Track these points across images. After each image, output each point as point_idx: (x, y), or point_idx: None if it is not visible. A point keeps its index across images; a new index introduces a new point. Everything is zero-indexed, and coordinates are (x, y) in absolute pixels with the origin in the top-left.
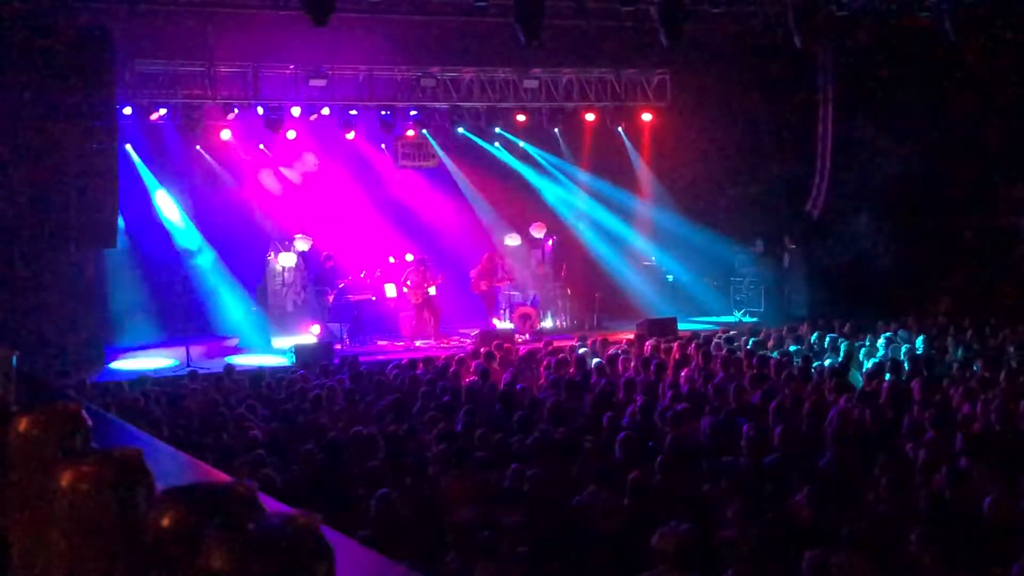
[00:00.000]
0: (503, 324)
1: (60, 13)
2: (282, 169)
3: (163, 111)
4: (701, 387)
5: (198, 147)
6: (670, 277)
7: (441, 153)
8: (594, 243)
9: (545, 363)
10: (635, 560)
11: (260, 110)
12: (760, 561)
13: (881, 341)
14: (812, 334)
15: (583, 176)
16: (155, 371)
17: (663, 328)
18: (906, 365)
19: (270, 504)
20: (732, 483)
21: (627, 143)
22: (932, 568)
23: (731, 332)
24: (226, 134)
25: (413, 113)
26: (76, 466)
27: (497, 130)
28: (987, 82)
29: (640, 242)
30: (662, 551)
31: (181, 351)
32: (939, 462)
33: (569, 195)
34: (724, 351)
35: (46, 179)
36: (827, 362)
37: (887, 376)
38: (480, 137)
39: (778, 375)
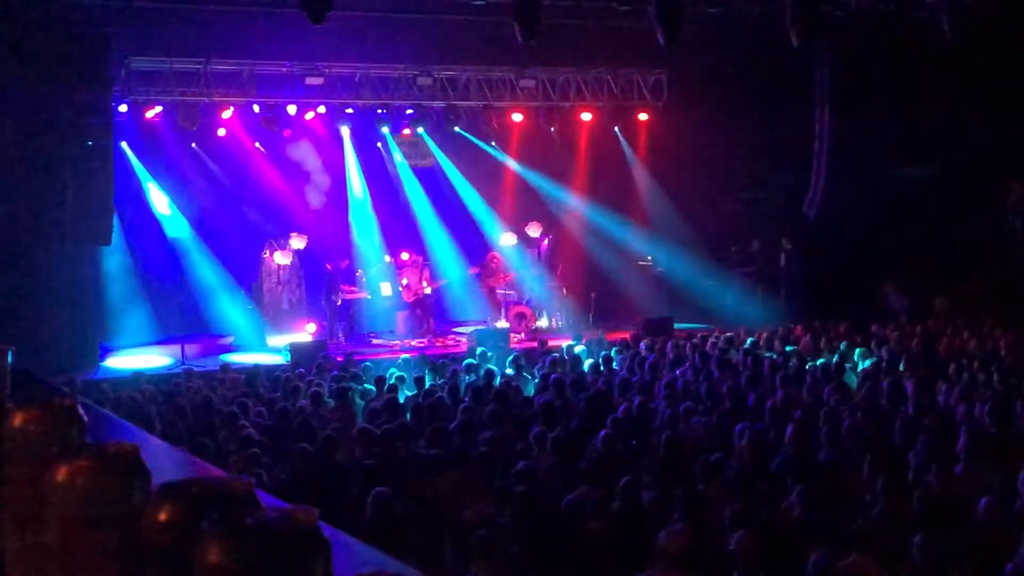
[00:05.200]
0: (499, 323)
1: (56, 10)
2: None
3: (159, 109)
4: (696, 387)
5: (194, 145)
6: (665, 277)
7: (437, 152)
8: (590, 243)
9: (540, 363)
10: (630, 561)
11: (256, 108)
12: (757, 562)
13: (876, 341)
14: (808, 335)
15: (579, 175)
16: (150, 369)
17: (659, 328)
18: (901, 366)
19: (267, 501)
20: (727, 484)
21: (623, 143)
22: (926, 569)
23: (727, 332)
24: (222, 132)
25: (409, 112)
26: (72, 461)
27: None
28: (984, 82)
29: (636, 241)
30: (667, 552)
31: (176, 349)
32: (934, 463)
33: (565, 194)
34: (719, 351)
35: (42, 176)
36: (822, 363)
37: (882, 377)
38: (476, 136)
39: (773, 376)
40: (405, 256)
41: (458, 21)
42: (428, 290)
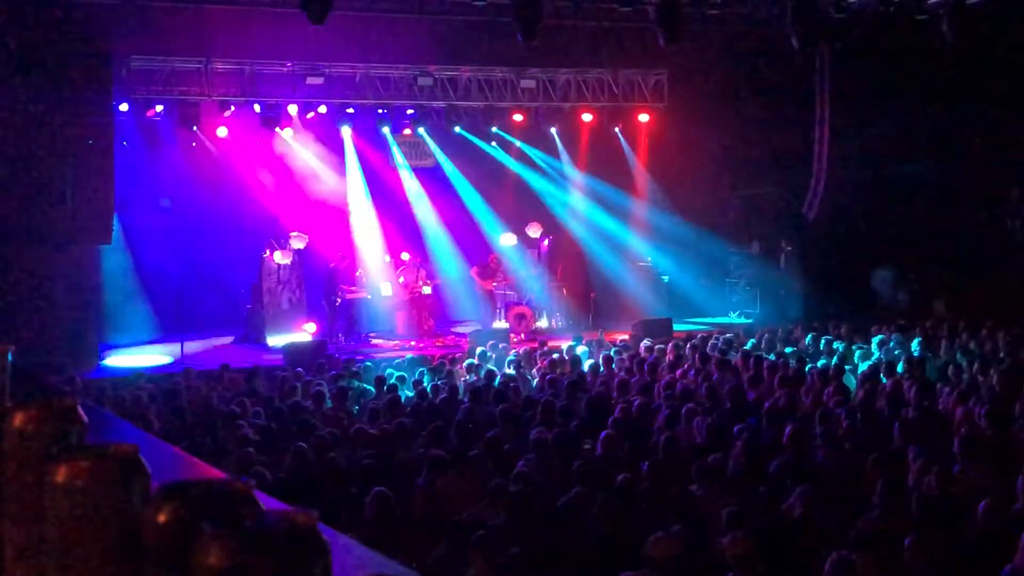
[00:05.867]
0: (499, 324)
1: (57, 10)
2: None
3: (159, 108)
4: (695, 388)
5: (194, 145)
6: (665, 278)
7: (438, 152)
8: (590, 243)
9: (540, 363)
10: (627, 561)
11: (257, 107)
12: (755, 564)
13: (875, 343)
14: (807, 336)
15: (579, 176)
16: (150, 368)
17: (658, 329)
18: (900, 368)
19: (267, 502)
20: (725, 485)
21: (624, 144)
22: (925, 570)
23: (726, 334)
24: (222, 131)
25: (410, 112)
26: (71, 462)
27: (494, 130)
28: (984, 84)
29: (636, 243)
30: (654, 558)
31: (176, 348)
32: (932, 465)
33: (565, 195)
34: (718, 352)
35: (42, 175)
36: (821, 364)
37: (882, 379)
38: (477, 137)
39: (772, 377)
40: (405, 256)
41: (458, 21)
42: (427, 290)
